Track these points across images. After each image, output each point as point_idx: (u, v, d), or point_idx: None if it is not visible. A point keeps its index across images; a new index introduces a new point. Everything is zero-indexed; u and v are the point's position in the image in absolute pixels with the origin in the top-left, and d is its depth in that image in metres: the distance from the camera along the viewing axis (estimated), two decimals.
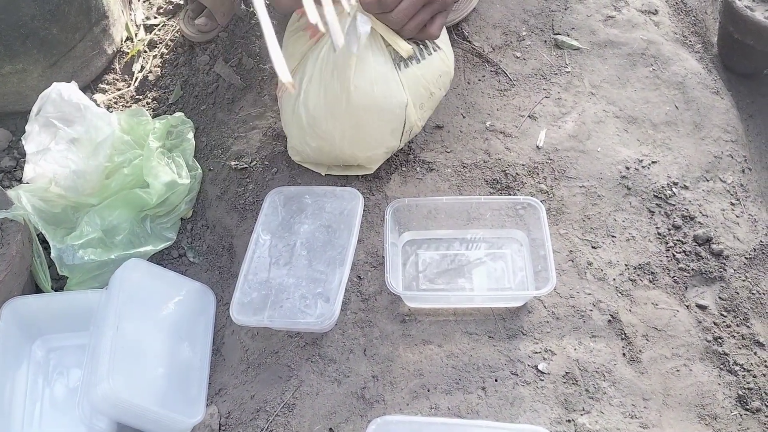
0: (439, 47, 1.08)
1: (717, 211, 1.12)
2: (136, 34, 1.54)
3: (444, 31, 1.11)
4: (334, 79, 1.00)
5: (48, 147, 1.14)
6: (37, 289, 1.14)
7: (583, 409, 0.92)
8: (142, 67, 1.48)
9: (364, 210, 1.09)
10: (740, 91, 1.49)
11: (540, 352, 0.97)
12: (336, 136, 1.05)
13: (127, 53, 1.50)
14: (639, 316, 1.01)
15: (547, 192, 1.13)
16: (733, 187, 1.16)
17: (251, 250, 1.06)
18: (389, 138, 1.08)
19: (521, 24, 1.37)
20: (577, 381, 0.94)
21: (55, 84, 1.16)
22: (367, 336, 1.00)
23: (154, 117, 1.30)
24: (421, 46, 1.06)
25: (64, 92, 1.16)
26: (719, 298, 1.04)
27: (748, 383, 0.96)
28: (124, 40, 1.53)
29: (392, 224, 1.03)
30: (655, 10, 1.41)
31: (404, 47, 1.02)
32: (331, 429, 0.92)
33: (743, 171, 1.20)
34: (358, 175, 1.15)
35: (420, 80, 1.05)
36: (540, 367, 0.95)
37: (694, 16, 1.49)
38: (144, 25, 1.56)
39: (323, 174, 1.16)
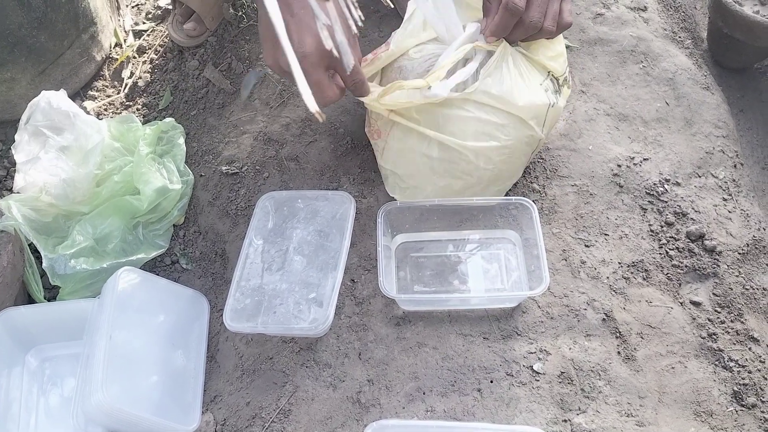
0: (568, 79, 1.02)
1: (709, 207, 1.12)
2: (125, 40, 1.54)
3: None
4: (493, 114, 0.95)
5: (38, 156, 1.13)
6: (30, 300, 1.13)
7: (579, 409, 0.92)
8: (132, 73, 1.48)
9: (356, 213, 1.09)
10: (731, 86, 1.49)
11: (535, 352, 0.97)
12: (483, 174, 1.01)
13: (116, 59, 1.50)
14: (633, 314, 1.01)
15: (539, 191, 1.13)
16: (725, 182, 1.16)
17: (244, 255, 1.05)
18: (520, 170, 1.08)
19: None
20: (572, 380, 0.94)
21: (43, 92, 1.16)
22: (362, 340, 1.00)
23: (144, 123, 1.29)
24: (558, 81, 1.00)
25: (53, 100, 1.15)
26: (713, 294, 1.04)
27: (743, 379, 0.96)
28: (112, 46, 1.52)
29: (385, 227, 1.03)
30: (644, 7, 1.41)
31: (559, 68, 0.98)
32: None
33: (735, 166, 1.20)
34: (348, 178, 1.15)
35: (554, 115, 1.01)
36: (535, 367, 0.95)
37: (683, 12, 1.49)
38: (133, 30, 1.56)
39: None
